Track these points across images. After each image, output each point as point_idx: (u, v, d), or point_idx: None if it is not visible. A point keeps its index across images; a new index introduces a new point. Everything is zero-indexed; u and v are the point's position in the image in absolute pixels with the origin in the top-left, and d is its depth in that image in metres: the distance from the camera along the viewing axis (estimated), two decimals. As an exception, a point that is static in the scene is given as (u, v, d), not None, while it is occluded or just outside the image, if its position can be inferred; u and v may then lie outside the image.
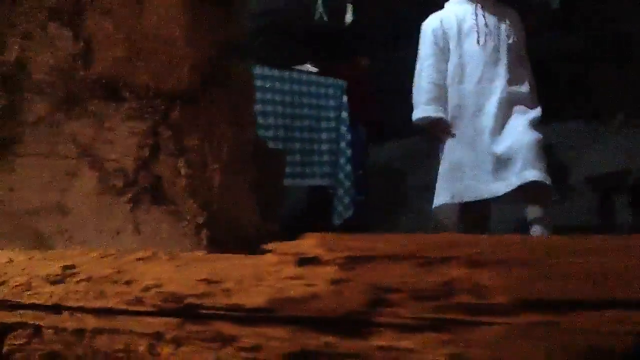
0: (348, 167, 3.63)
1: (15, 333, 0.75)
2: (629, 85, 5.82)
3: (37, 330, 0.74)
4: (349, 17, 4.26)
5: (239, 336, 0.59)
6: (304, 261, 0.61)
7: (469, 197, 2.02)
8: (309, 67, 3.79)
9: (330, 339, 0.52)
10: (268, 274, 0.64)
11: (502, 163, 2.01)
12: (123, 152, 1.01)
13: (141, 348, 0.64)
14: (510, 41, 2.13)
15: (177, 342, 0.64)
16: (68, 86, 1.05)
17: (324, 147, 3.62)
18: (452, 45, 2.11)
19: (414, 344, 0.48)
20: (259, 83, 3.33)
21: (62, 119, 1.05)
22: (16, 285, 0.78)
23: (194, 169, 1.00)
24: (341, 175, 3.63)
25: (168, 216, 0.99)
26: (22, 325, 0.75)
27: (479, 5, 2.14)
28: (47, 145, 1.06)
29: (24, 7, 1.06)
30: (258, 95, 3.35)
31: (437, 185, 2.08)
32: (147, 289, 0.69)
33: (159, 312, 0.66)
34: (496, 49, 2.10)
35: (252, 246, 1.12)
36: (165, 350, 0.63)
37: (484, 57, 2.08)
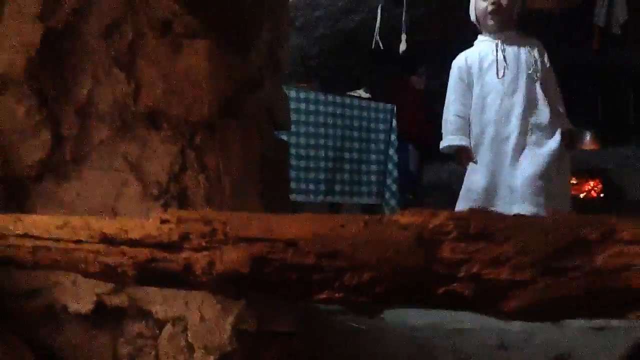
0: (394, 187, 3.84)
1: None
2: None
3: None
4: (402, 46, 4.50)
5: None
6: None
7: None
8: (362, 92, 4.06)
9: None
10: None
11: (510, 192, 2.15)
12: (160, 167, 1.32)
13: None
14: (530, 71, 2.26)
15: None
16: (122, 116, 1.37)
17: (373, 167, 3.86)
18: (475, 79, 2.30)
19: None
20: (312, 107, 3.64)
21: (117, 141, 1.38)
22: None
23: (211, 181, 1.29)
24: (387, 195, 3.85)
25: (190, 217, 1.28)
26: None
27: (499, 41, 2.30)
28: (106, 161, 1.39)
29: (94, 56, 1.40)
30: (312, 118, 3.66)
31: (456, 207, 2.26)
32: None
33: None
34: (515, 80, 2.23)
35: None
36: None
37: (502, 88, 2.24)
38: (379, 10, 4.57)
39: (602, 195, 5.18)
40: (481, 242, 0.48)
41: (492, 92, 2.26)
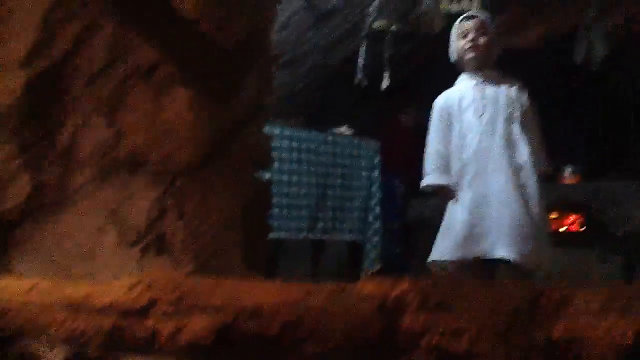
0: (377, 224, 3.86)
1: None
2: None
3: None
4: (385, 83, 4.57)
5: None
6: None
7: (454, 255, 2.19)
8: (345, 129, 4.10)
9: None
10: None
11: (490, 233, 2.15)
12: (139, 213, 1.33)
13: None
14: (509, 111, 2.26)
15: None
16: (103, 162, 1.38)
17: (355, 204, 3.88)
18: (454, 118, 2.32)
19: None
20: (296, 145, 3.68)
21: (97, 186, 1.39)
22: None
23: (190, 227, 1.30)
24: (370, 232, 3.86)
25: (166, 265, 1.29)
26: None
27: (479, 79, 2.33)
28: (85, 207, 1.40)
29: (77, 102, 1.42)
30: (295, 155, 3.69)
31: (435, 243, 2.26)
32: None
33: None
34: (493, 120, 2.24)
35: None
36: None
37: (481, 127, 2.25)
38: (361, 48, 4.65)
39: (583, 229, 5.24)
40: (441, 313, 0.50)
41: (471, 131, 2.28)
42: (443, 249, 2.21)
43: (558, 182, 5.70)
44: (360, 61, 4.61)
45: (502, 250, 2.09)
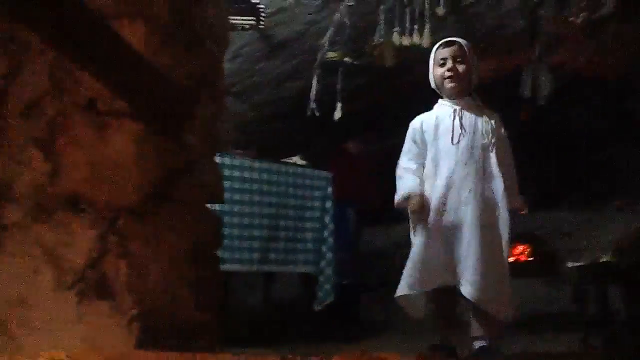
0: (329, 255, 3.81)
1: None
2: (626, 172, 6.04)
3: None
4: (337, 114, 4.58)
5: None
6: None
7: (423, 286, 2.12)
8: (297, 159, 4.06)
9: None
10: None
11: (456, 265, 2.09)
12: (77, 253, 1.23)
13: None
14: (486, 141, 2.21)
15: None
16: (39, 199, 1.28)
17: (308, 235, 3.83)
18: (429, 143, 2.25)
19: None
20: (247, 175, 3.61)
21: (32, 225, 1.28)
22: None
23: (134, 269, 1.22)
24: (323, 264, 3.81)
25: (109, 309, 1.19)
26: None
27: (458, 107, 2.26)
28: (19, 247, 1.29)
29: (9, 135, 1.32)
30: (247, 185, 3.61)
31: (405, 269, 2.19)
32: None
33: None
34: (469, 148, 2.19)
35: (185, 335, 1.32)
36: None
37: (456, 155, 2.18)
38: (314, 79, 4.66)
39: (531, 259, 5.34)
40: None
41: (445, 158, 2.22)
42: (412, 282, 2.14)
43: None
44: (313, 91, 4.61)
45: (467, 289, 2.05)
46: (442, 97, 2.35)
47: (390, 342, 3.84)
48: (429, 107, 2.48)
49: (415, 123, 2.31)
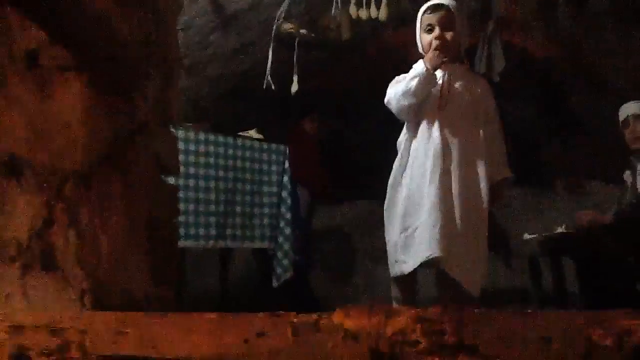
0: (287, 230, 3.74)
1: None
2: (572, 154, 6.18)
3: None
4: (294, 87, 4.48)
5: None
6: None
7: (417, 262, 1.98)
8: (253, 133, 3.95)
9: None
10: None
11: (440, 234, 1.96)
12: (19, 223, 1.12)
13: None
14: (473, 109, 2.12)
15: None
16: (-26, 162, 1.15)
17: (265, 210, 3.74)
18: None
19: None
20: (203, 148, 3.48)
21: (-34, 192, 1.15)
22: None
23: (83, 239, 1.11)
24: (281, 239, 3.74)
25: (56, 282, 1.09)
26: None
27: (446, 72, 2.15)
28: (-49, 216, 1.16)
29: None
30: (202, 159, 3.49)
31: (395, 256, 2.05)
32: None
33: None
34: (455, 117, 2.09)
35: (139, 309, 1.22)
36: None
37: (440, 122, 2.08)
38: (270, 51, 4.54)
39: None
40: (463, 355, 0.36)
41: (429, 123, 2.08)
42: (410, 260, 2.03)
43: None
44: (269, 65, 4.49)
45: (451, 265, 1.97)
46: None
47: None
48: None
49: (420, 68, 2.10)
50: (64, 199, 1.11)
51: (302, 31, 4.64)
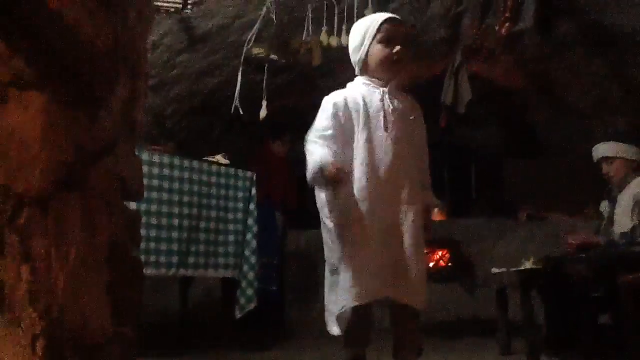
0: (253, 259, 3.61)
1: None
2: (536, 180, 6.27)
3: None
4: (263, 112, 4.40)
5: None
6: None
7: (371, 295, 1.90)
8: (220, 158, 3.83)
9: None
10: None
11: (394, 267, 1.95)
12: (-37, 255, 0.98)
13: None
14: (412, 130, 2.06)
15: None
16: None
17: (230, 238, 3.61)
18: (359, 125, 1.99)
19: None
20: (167, 172, 3.34)
21: None
22: None
23: (37, 274, 0.98)
24: (245, 267, 3.60)
25: (6, 325, 0.95)
26: None
27: (385, 90, 2.04)
28: None
29: None
30: (166, 184, 3.34)
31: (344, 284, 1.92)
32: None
33: None
34: (402, 139, 2.01)
35: (99, 354, 1.09)
36: None
37: (391, 145, 1.98)
38: (239, 75, 4.45)
39: (449, 264, 5.40)
40: None
41: (380, 147, 1.97)
42: (359, 291, 1.92)
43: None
44: (238, 87, 4.40)
45: (412, 297, 1.91)
46: (362, 76, 2.09)
47: (315, 344, 3.70)
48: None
49: (337, 98, 2.00)
50: (16, 228, 0.98)
51: (273, 57, 4.57)
